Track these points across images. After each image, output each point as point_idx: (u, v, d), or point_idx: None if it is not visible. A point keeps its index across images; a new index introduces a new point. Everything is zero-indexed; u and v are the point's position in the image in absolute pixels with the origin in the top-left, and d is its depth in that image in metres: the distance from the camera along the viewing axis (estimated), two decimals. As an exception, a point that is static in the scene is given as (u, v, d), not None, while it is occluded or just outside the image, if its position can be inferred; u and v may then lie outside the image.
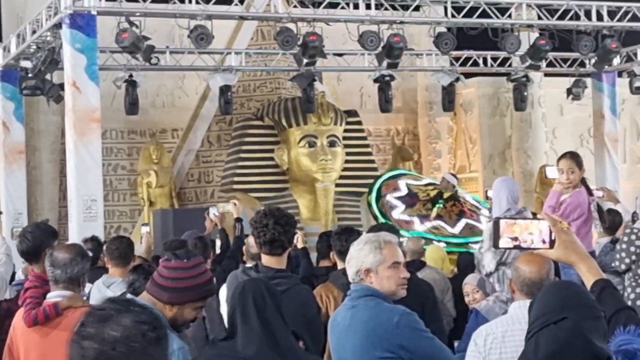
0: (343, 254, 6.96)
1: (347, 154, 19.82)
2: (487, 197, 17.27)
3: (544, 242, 3.41)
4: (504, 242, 3.40)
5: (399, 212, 18.19)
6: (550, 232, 3.41)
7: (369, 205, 18.46)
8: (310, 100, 18.39)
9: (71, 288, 5.54)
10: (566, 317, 3.22)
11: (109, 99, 19.03)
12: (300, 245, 9.79)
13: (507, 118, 23.10)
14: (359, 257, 4.83)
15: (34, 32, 16.60)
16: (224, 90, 18.35)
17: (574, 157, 8.48)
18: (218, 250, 10.25)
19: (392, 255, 4.85)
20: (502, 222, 3.40)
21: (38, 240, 6.05)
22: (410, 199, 18.52)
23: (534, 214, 9.47)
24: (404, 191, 18.68)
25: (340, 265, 7.04)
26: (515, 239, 3.38)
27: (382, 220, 17.10)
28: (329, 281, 7.01)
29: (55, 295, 5.55)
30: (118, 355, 2.10)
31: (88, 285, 7.08)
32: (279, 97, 20.64)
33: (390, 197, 18.41)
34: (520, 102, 20.35)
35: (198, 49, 16.06)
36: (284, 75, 20.61)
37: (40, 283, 5.71)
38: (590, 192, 8.48)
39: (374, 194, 18.51)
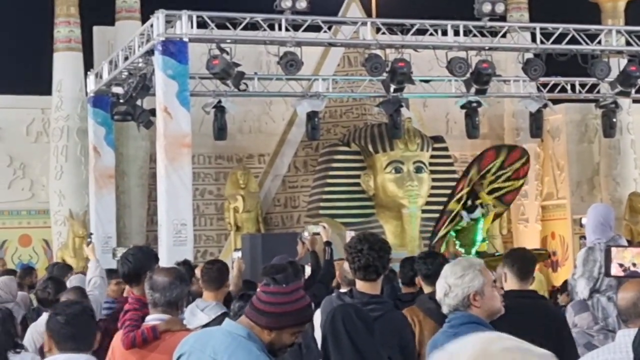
0: (429, 278, 6.94)
1: (434, 180, 19.76)
2: (581, 225, 17.12)
3: None
4: (615, 269, 3.38)
5: None
6: None
7: None
8: (396, 126, 18.38)
9: (170, 312, 5.51)
10: None
11: (197, 125, 19.22)
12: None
13: (595, 145, 22.83)
14: (464, 284, 4.78)
15: (126, 58, 16.89)
16: (311, 116, 18.45)
17: None
18: (307, 276, 10.25)
19: (489, 274, 4.89)
20: (613, 249, 3.39)
21: (140, 262, 6.07)
22: None
23: (629, 242, 9.32)
24: None
25: (426, 290, 7.00)
26: (627, 266, 3.37)
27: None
28: (415, 305, 6.99)
29: (154, 318, 5.53)
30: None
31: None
32: (365, 123, 20.69)
33: None
34: (609, 129, 20.09)
35: (287, 75, 16.17)
36: (370, 102, 20.65)
37: (140, 305, 5.72)
38: None
39: None
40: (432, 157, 19.97)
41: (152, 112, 16.05)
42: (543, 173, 23.23)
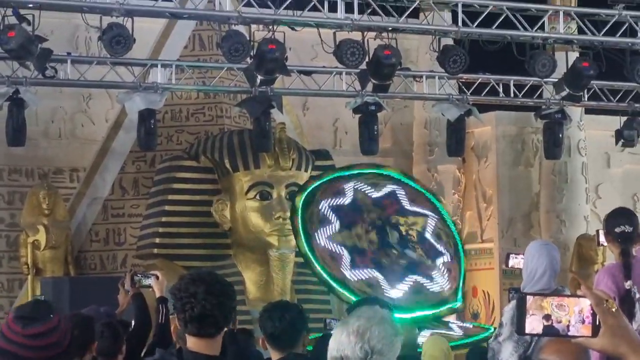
0: (277, 339, 6.97)
1: (314, 210, 19.78)
2: (507, 265, 17.30)
3: (584, 327, 3.35)
4: (531, 325, 3.33)
5: (328, 233, 18.30)
6: (594, 315, 3.35)
7: (293, 213, 18.42)
8: (264, 134, 18.31)
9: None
10: None
11: (-18, 124, 18.97)
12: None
13: (535, 169, 23.18)
14: (392, 353, 4.67)
15: None
16: (146, 116, 18.20)
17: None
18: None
19: None
20: (529, 298, 3.34)
21: None
22: (352, 214, 18.63)
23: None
24: (347, 197, 18.72)
25: (274, 356, 7.01)
26: (547, 320, 3.32)
27: (302, 242, 17.74)
28: None
29: None
30: None
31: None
32: (221, 129, 20.68)
33: (324, 205, 18.43)
34: (553, 147, 20.33)
35: (112, 56, 16.01)
36: (229, 99, 20.62)
37: None
38: None
39: (303, 197, 18.46)
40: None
41: None
42: (463, 206, 23.46)
